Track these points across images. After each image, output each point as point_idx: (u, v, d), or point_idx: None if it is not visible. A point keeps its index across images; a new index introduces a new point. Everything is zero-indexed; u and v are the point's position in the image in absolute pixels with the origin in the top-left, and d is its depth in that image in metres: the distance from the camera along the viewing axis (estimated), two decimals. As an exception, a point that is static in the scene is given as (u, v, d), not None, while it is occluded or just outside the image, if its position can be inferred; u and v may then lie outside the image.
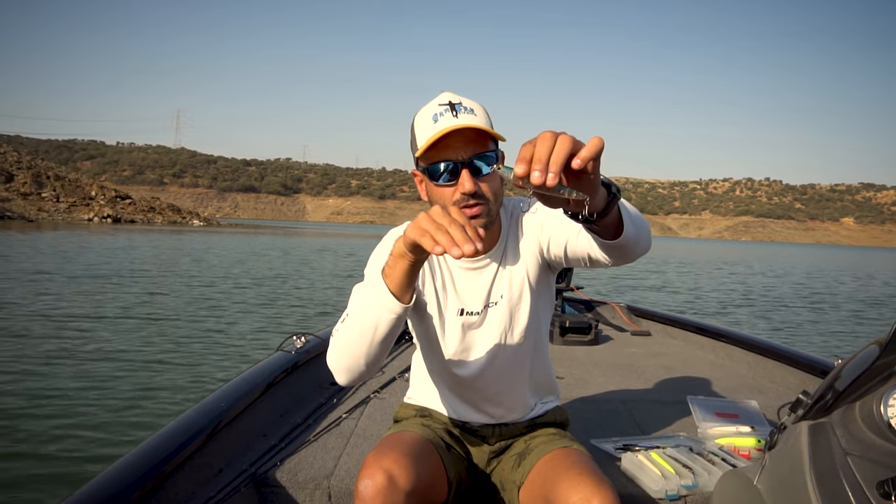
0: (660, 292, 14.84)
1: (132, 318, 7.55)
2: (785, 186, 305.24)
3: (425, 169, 1.25)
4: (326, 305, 9.93)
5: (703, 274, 23.23)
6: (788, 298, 14.84)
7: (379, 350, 1.15)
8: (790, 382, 2.77)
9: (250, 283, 12.46)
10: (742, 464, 1.71)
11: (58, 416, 3.83)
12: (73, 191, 52.17)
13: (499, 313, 1.38)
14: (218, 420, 1.75)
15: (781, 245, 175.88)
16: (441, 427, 1.46)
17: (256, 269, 15.90)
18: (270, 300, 10.08)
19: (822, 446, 1.10)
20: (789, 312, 11.98)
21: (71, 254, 16.65)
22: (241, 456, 1.76)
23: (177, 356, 5.62)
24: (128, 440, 3.47)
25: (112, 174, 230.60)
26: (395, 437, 1.34)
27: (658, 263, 29.10)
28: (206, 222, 64.36)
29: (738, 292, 16.00)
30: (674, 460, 1.72)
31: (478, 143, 1.23)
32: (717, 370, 3.09)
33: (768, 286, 18.52)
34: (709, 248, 76.77)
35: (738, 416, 2.12)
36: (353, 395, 2.40)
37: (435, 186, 1.25)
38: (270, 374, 2.18)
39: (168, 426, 1.64)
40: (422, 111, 1.27)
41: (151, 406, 4.17)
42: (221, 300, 9.64)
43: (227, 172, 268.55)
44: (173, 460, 1.50)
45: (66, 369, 4.93)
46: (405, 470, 1.18)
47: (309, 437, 1.93)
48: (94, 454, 3.32)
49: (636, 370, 3.07)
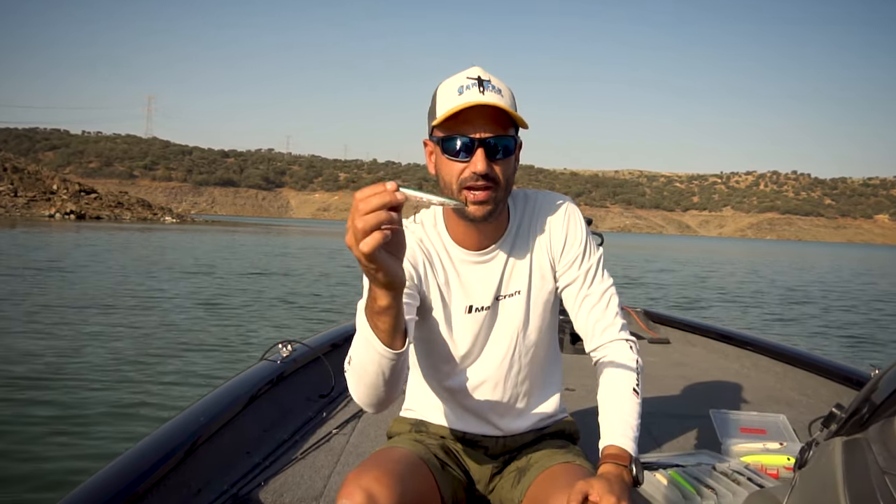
0: (678, 297, 14.87)
1: (93, 325, 7.53)
2: (814, 180, 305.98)
3: (440, 140, 1.27)
4: (315, 310, 9.94)
5: (726, 275, 23.29)
6: (819, 302, 14.89)
7: (395, 381, 1.17)
8: (822, 394, 2.78)
9: (231, 285, 12.46)
10: (770, 484, 1.72)
11: (18, 440, 3.81)
12: (33, 184, 52.02)
13: (511, 307, 1.40)
14: (196, 435, 1.75)
15: (810, 244, 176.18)
16: (437, 443, 1.46)
17: (238, 270, 15.89)
18: (255, 304, 10.07)
19: (857, 465, 1.10)
20: (821, 318, 12.02)
21: (22, 252, 16.62)
22: (222, 475, 1.76)
23: (151, 367, 5.61)
24: (98, 460, 3.47)
25: (77, 166, 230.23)
26: (382, 453, 1.34)
27: (680, 263, 29.16)
28: (180, 219, 64.22)
29: (765, 295, 16.05)
30: (695, 480, 1.73)
31: (499, 124, 1.25)
32: (742, 381, 3.11)
33: (797, 288, 18.57)
34: (730, 248, 76.98)
35: (766, 432, 2.13)
36: (345, 408, 2.41)
37: (446, 160, 1.27)
38: (254, 386, 2.18)
39: (141, 443, 1.64)
40: (447, 81, 1.29)
41: (123, 423, 4.16)
42: (199, 304, 9.64)
43: (204, 164, 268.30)
44: (147, 480, 1.50)
45: (26, 384, 4.92)
46: (389, 490, 1.17)
47: (296, 454, 1.93)
48: (59, 478, 3.31)
49: (654, 381, 3.08)
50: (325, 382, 2.59)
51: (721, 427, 2.14)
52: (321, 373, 2.62)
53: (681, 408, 2.63)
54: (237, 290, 11.80)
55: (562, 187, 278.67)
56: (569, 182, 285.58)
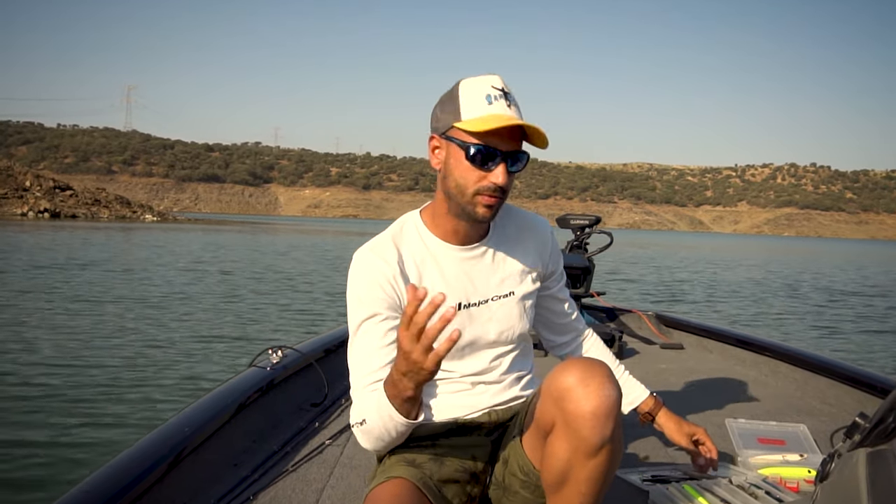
0: (692, 298, 14.89)
1: (65, 332, 7.53)
2: (834, 173, 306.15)
3: (464, 145, 1.37)
4: (307, 314, 9.94)
5: (742, 275, 23.32)
6: (842, 305, 14.91)
7: (407, 433, 1.36)
8: (845, 403, 2.79)
9: (216, 287, 12.46)
10: (790, 498, 1.73)
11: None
12: (4, 181, 51.79)
13: (502, 305, 1.54)
14: (181, 447, 1.75)
15: (830, 241, 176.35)
16: (429, 455, 1.48)
17: (224, 270, 15.89)
18: (243, 307, 10.07)
19: (882, 477, 1.10)
20: (844, 322, 12.03)
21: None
22: (208, 489, 1.77)
23: (132, 374, 5.61)
24: (75, 472, 3.47)
25: (52, 161, 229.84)
26: (382, 497, 1.35)
27: (691, 262, 29.20)
28: (161, 217, 64.21)
29: (784, 297, 16.07)
30: (711, 494, 1.74)
31: (518, 139, 1.40)
32: (760, 388, 3.11)
33: (818, 289, 18.60)
34: (747, 245, 77.07)
35: (785, 443, 2.14)
36: (338, 418, 2.41)
37: (466, 164, 1.38)
38: (242, 394, 2.18)
39: (122, 455, 1.65)
40: (471, 83, 1.40)
41: (100, 434, 4.16)
42: (183, 307, 9.63)
43: (187, 159, 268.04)
44: (129, 494, 1.50)
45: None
46: None
47: (287, 466, 1.94)
48: (33, 488, 3.31)
49: (667, 388, 3.09)
50: (317, 390, 2.59)
51: (738, 438, 2.15)
52: (314, 380, 2.62)
53: (695, 417, 2.64)
54: (223, 292, 11.81)
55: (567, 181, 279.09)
56: (574, 176, 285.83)
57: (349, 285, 1.47)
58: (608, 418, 1.25)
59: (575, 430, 1.26)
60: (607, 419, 1.25)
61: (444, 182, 1.43)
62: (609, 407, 1.25)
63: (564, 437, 1.28)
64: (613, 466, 1.32)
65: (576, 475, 1.29)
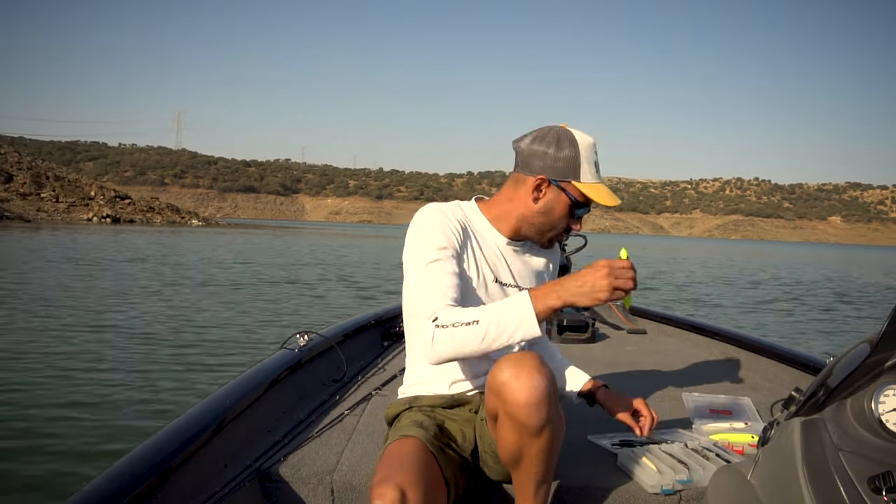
0: (656, 290, 14.87)
1: (133, 317, 7.53)
2: (774, 186, 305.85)
3: (575, 201, 1.47)
4: (329, 304, 9.93)
5: (696, 271, 23.28)
6: (783, 296, 14.90)
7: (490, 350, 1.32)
8: (783, 380, 2.78)
9: (251, 281, 12.44)
10: (736, 459, 1.72)
11: (62, 418, 3.82)
12: (73, 191, 51.78)
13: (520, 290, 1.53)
14: (223, 416, 1.75)
15: (770, 243, 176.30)
16: (430, 418, 1.49)
17: (257, 267, 15.86)
18: (274, 299, 10.06)
19: (814, 442, 1.11)
20: (782, 310, 12.03)
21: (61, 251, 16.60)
22: (246, 451, 1.76)
23: (181, 357, 5.61)
24: (134, 437, 3.47)
25: (114, 175, 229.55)
26: (399, 449, 1.35)
27: (653, 261, 29.16)
28: (205, 222, 64.00)
29: (731, 289, 16.05)
30: (669, 456, 1.73)
31: None
32: (711, 368, 3.11)
33: (761, 283, 18.57)
34: (699, 246, 76.91)
35: (732, 413, 2.13)
36: (356, 391, 2.41)
37: (566, 211, 1.48)
38: (274, 371, 2.18)
39: (173, 422, 1.64)
40: (585, 143, 1.46)
41: (157, 404, 4.17)
42: (224, 298, 9.62)
43: (228, 173, 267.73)
44: (179, 455, 1.50)
45: (72, 366, 4.92)
46: (414, 485, 1.21)
47: (312, 432, 1.93)
48: (100, 450, 3.32)
49: (633, 368, 3.08)
50: (338, 368, 2.59)
51: (693, 408, 2.14)
52: (335, 360, 2.62)
53: (656, 391, 2.64)
54: (258, 285, 11.79)
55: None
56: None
57: (418, 229, 1.45)
58: (542, 404, 1.22)
59: (516, 418, 1.24)
60: (541, 405, 1.22)
61: (537, 214, 1.49)
62: (540, 395, 1.22)
63: (508, 424, 1.27)
64: (557, 440, 1.32)
65: (527, 452, 1.29)
